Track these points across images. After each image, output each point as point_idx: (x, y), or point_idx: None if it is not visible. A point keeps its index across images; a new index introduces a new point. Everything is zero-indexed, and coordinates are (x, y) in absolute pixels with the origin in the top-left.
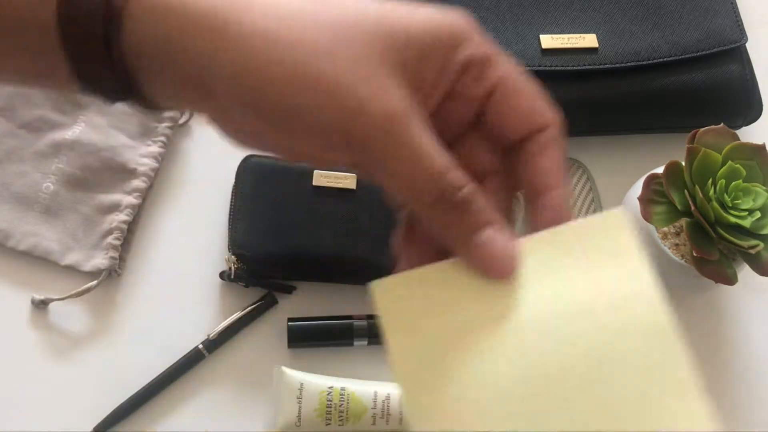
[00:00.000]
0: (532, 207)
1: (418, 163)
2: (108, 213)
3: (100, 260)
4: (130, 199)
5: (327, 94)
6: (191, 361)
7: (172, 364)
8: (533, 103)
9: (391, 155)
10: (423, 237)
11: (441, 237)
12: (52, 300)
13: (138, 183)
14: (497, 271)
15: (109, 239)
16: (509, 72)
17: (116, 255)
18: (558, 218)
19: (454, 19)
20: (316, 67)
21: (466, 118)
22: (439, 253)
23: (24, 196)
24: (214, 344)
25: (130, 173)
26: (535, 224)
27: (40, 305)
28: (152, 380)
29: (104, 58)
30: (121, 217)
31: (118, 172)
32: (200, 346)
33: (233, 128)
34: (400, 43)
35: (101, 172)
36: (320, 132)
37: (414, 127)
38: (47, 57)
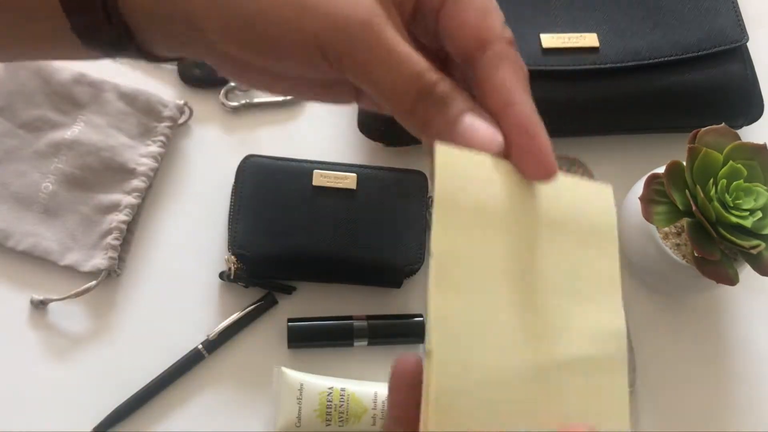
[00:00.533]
0: (501, 126)
1: (397, 66)
2: (107, 213)
3: (99, 260)
4: (130, 199)
5: (301, 7)
6: (191, 362)
7: (172, 365)
8: (481, 16)
9: (372, 59)
10: None
11: (424, 135)
12: (52, 300)
13: (137, 183)
14: (483, 147)
15: (109, 239)
16: None
17: (115, 255)
18: (532, 125)
19: None
20: None
21: (432, 39)
22: None
23: (23, 196)
24: (214, 344)
25: (130, 173)
26: (507, 136)
27: (39, 305)
28: (152, 380)
29: (102, 8)
30: (120, 217)
31: (118, 172)
32: (200, 347)
33: (227, 64)
34: None
35: (100, 172)
36: (301, 47)
37: (389, 32)
38: (47, 18)
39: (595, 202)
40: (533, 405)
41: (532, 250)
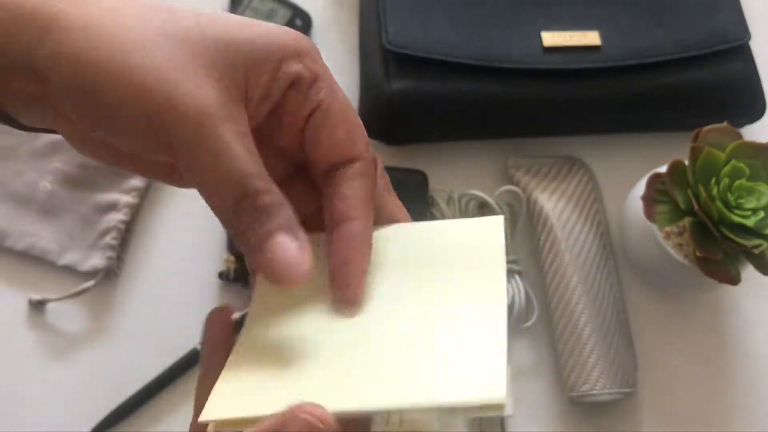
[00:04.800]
0: (328, 238)
1: (224, 163)
2: (106, 212)
3: (97, 260)
4: (128, 199)
5: (139, 87)
6: (190, 362)
7: (171, 365)
8: (347, 133)
9: (200, 152)
10: None
11: (237, 242)
12: (50, 300)
13: (136, 182)
14: (283, 278)
15: (107, 239)
16: (332, 95)
17: (114, 255)
18: (350, 250)
19: (290, 35)
20: (131, 61)
21: (293, 137)
22: None
23: (21, 195)
24: None
25: (129, 172)
26: (329, 255)
27: (38, 305)
28: (151, 380)
29: None
30: (119, 216)
31: (116, 171)
32: (199, 347)
33: (73, 133)
34: (227, 48)
35: (99, 171)
36: (134, 127)
37: (226, 127)
38: None
39: (480, 235)
40: (368, 383)
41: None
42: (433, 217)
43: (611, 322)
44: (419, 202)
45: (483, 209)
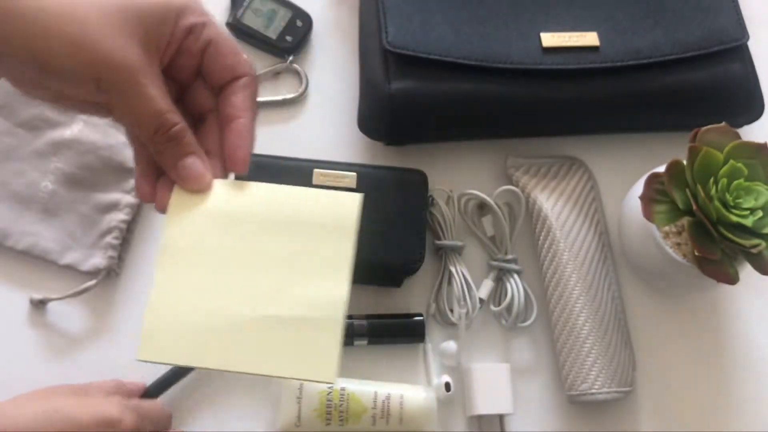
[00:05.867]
0: (222, 134)
1: (145, 104)
2: (107, 212)
3: (98, 259)
4: (129, 198)
5: (82, 47)
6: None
7: (172, 365)
8: (233, 59)
9: (128, 96)
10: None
11: (159, 162)
12: (51, 299)
13: None
14: (193, 185)
15: (108, 238)
16: (218, 34)
17: (115, 254)
18: (240, 140)
19: None
20: (75, 28)
21: (192, 70)
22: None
23: (22, 195)
24: None
25: (129, 172)
26: (222, 146)
27: (39, 305)
28: (153, 382)
29: None
30: (119, 216)
31: (117, 171)
32: None
33: (21, 82)
34: (142, 14)
35: (100, 171)
36: (78, 75)
37: (146, 77)
38: None
39: (340, 206)
40: (237, 347)
41: (263, 245)
42: (433, 217)
43: (610, 321)
44: (419, 202)
45: (482, 209)
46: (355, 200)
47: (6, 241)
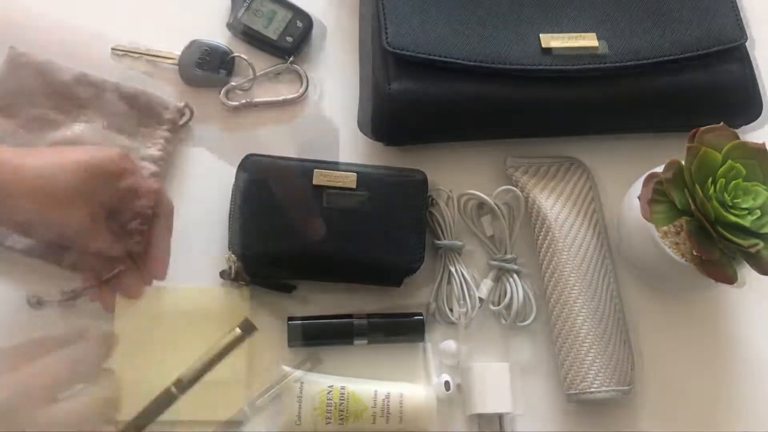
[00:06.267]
0: (145, 251)
1: (95, 243)
2: None
3: None
4: None
5: (50, 210)
6: None
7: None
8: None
9: (79, 242)
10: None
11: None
12: (49, 300)
13: None
14: (132, 299)
15: None
16: (143, 187)
17: None
18: (157, 267)
19: (116, 159)
20: (43, 199)
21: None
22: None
23: None
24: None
25: None
26: (146, 262)
27: (37, 305)
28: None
29: None
30: None
31: None
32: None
33: None
34: (87, 179)
35: None
36: (46, 229)
37: (92, 226)
38: None
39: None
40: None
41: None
42: (432, 217)
43: (608, 321)
44: (419, 202)
45: (482, 209)
46: (244, 295)
47: (5, 241)
